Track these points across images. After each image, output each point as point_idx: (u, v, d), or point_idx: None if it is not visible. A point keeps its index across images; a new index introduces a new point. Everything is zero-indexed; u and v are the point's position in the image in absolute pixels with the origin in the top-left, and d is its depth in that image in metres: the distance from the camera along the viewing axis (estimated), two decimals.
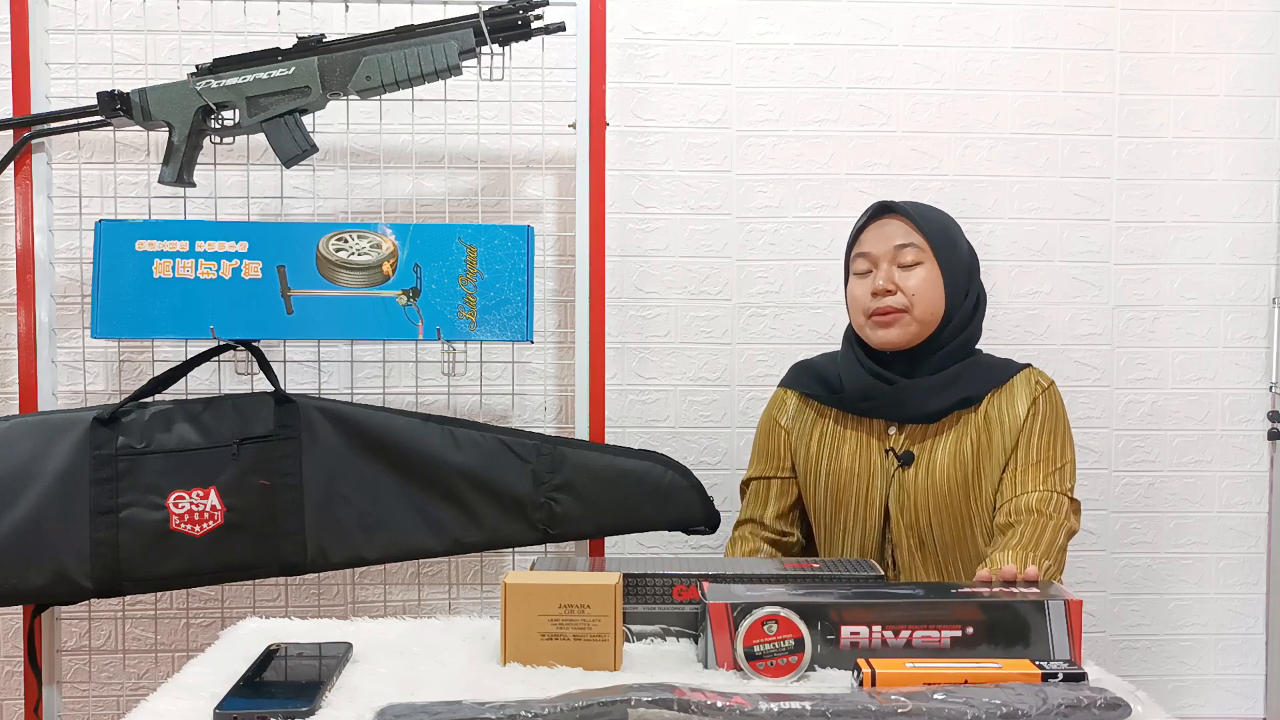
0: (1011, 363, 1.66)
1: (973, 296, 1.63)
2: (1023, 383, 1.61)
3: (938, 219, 1.63)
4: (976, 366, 1.62)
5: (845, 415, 1.65)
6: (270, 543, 1.66)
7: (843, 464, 1.63)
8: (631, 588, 1.22)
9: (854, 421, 1.64)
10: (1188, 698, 2.21)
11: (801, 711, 0.95)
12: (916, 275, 1.57)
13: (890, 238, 1.59)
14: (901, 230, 1.59)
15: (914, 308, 1.57)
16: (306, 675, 1.10)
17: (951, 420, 1.59)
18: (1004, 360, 1.67)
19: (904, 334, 1.58)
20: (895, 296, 1.57)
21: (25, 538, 1.61)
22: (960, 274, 1.61)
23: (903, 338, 1.58)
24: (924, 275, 1.57)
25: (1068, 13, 2.13)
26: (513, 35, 1.74)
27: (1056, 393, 1.62)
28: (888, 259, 1.58)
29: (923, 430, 1.59)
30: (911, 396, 1.58)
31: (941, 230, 1.61)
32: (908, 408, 1.59)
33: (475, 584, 2.08)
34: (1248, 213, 2.18)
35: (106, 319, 1.69)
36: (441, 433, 1.71)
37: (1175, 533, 2.20)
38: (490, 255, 1.73)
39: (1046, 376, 1.63)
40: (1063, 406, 1.62)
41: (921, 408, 1.58)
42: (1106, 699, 0.99)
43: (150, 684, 1.87)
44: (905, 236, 1.59)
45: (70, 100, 1.78)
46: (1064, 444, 1.59)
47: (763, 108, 2.11)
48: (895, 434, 1.61)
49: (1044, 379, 1.62)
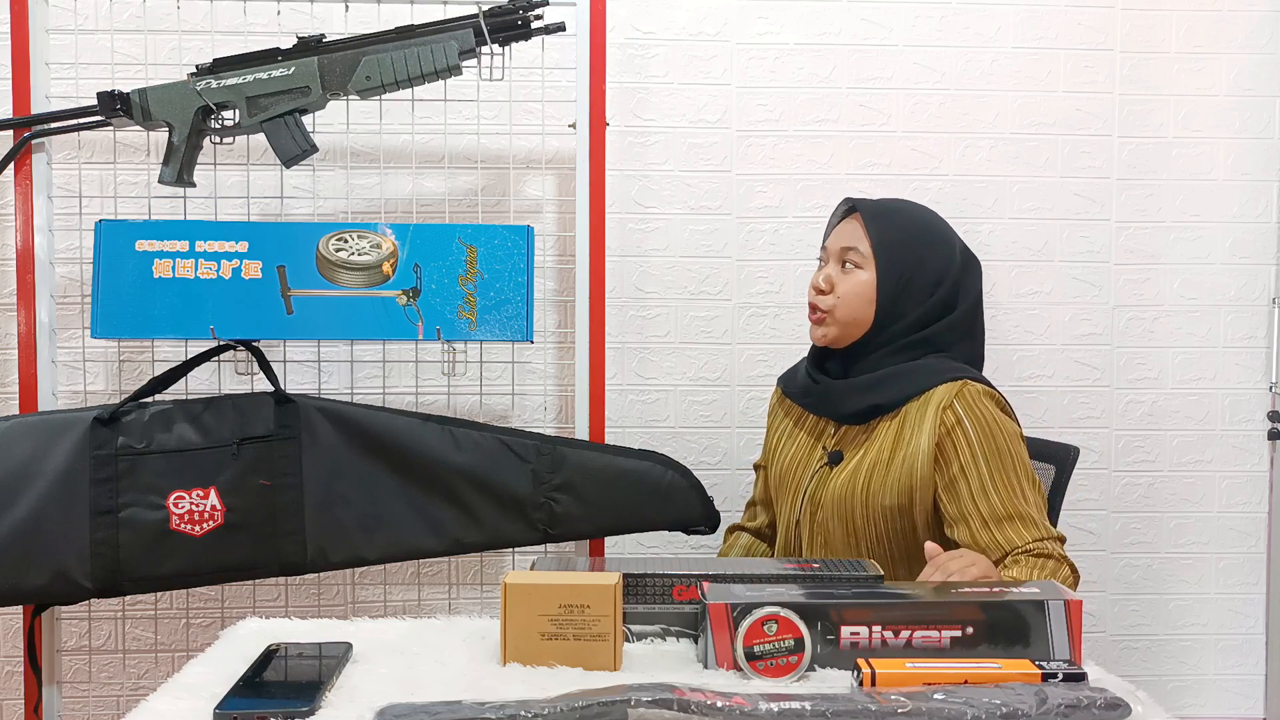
0: (945, 373, 1.52)
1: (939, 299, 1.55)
2: (935, 402, 1.49)
3: (897, 224, 1.57)
4: (905, 372, 1.53)
5: (805, 413, 1.66)
6: (270, 543, 1.66)
7: (786, 457, 1.65)
8: (631, 588, 1.22)
9: (811, 422, 1.65)
10: (1188, 698, 2.21)
11: (801, 711, 0.95)
12: (850, 280, 1.56)
13: (843, 237, 1.59)
14: (855, 234, 1.57)
15: (835, 310, 1.56)
16: (306, 675, 1.10)
17: (874, 427, 1.55)
18: (943, 368, 1.53)
19: (825, 334, 1.58)
20: (825, 297, 1.57)
21: (25, 538, 1.61)
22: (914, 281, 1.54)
23: (825, 337, 1.59)
24: (856, 281, 1.55)
25: (1068, 13, 2.13)
26: (513, 35, 1.74)
27: (974, 410, 1.47)
28: (835, 258, 1.59)
29: (856, 433, 1.58)
30: (831, 395, 1.59)
31: (894, 238, 1.55)
32: (831, 406, 1.60)
33: (475, 584, 2.08)
34: (1248, 213, 2.18)
35: (106, 319, 1.69)
36: (441, 433, 1.71)
37: (1175, 533, 2.20)
38: (490, 255, 1.73)
39: (966, 391, 1.48)
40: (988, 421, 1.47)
41: (840, 408, 1.58)
42: (1106, 699, 0.99)
43: (150, 684, 1.87)
44: (854, 240, 1.57)
45: (70, 100, 1.78)
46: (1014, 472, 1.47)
47: (763, 108, 2.11)
48: (833, 434, 1.61)
49: (959, 396, 1.48)
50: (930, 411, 1.49)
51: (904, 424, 1.52)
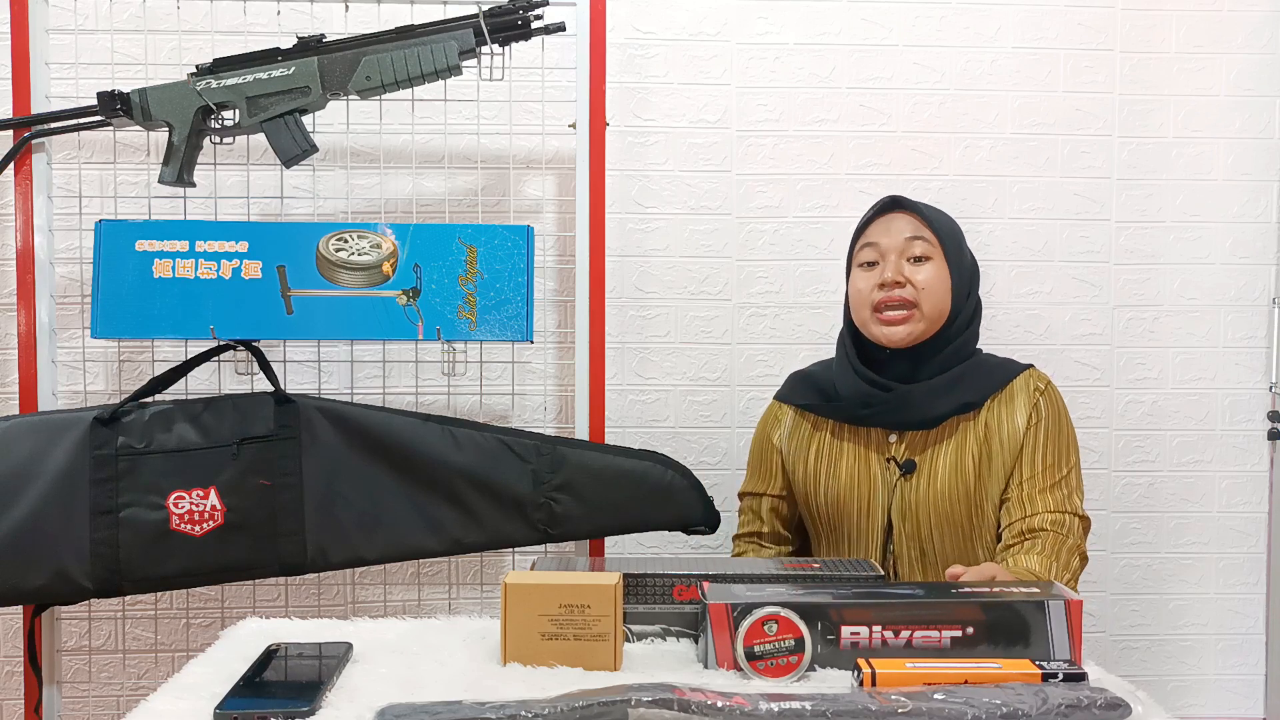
0: (1012, 363, 1.62)
1: (972, 302, 1.61)
2: (1022, 388, 1.57)
3: (947, 220, 1.61)
4: (978, 368, 1.59)
5: (842, 426, 1.61)
6: (270, 543, 1.66)
7: (841, 477, 1.59)
8: (631, 588, 1.22)
9: (851, 433, 1.60)
10: (1188, 698, 2.21)
11: (801, 711, 0.95)
12: (926, 270, 1.53)
13: (901, 231, 1.55)
14: (912, 225, 1.56)
15: (923, 302, 1.52)
16: (306, 675, 1.10)
17: (951, 428, 1.55)
18: (1004, 361, 1.63)
19: (912, 331, 1.53)
20: (905, 289, 1.52)
21: (25, 538, 1.61)
22: (964, 276, 1.59)
23: (910, 335, 1.53)
24: (933, 271, 1.54)
25: (1068, 13, 2.13)
26: (513, 35, 1.74)
27: (1055, 395, 1.59)
28: (896, 251, 1.54)
29: (923, 438, 1.55)
30: (912, 401, 1.54)
31: (950, 231, 1.60)
32: (908, 413, 1.54)
33: (475, 584, 2.08)
34: (1248, 213, 2.18)
35: (106, 319, 1.69)
36: (441, 433, 1.71)
37: (1175, 533, 2.20)
38: (490, 255, 1.73)
39: (1044, 377, 1.60)
40: (1063, 408, 1.59)
41: (922, 413, 1.54)
42: (1106, 699, 0.99)
43: (150, 684, 1.87)
44: (915, 230, 1.55)
45: (70, 100, 1.78)
46: (1067, 449, 1.56)
47: (763, 108, 2.11)
48: (895, 442, 1.57)
49: (1041, 381, 1.59)
50: (1021, 397, 1.56)
51: (989, 417, 1.55)
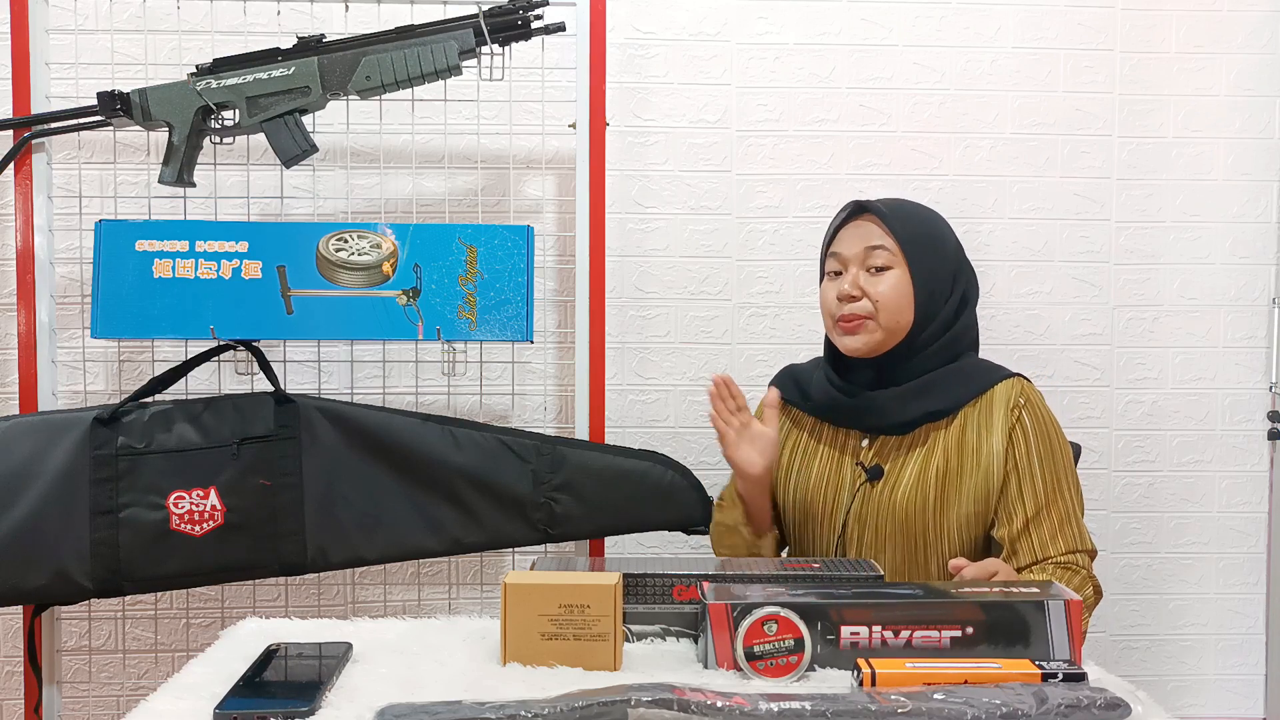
0: (997, 371, 1.54)
1: (956, 296, 1.54)
2: (1001, 401, 1.50)
3: (914, 219, 1.54)
4: (955, 374, 1.52)
5: (821, 426, 1.59)
6: (270, 543, 1.66)
7: (811, 476, 1.57)
8: (631, 588, 1.22)
9: (830, 434, 1.58)
10: (1188, 698, 2.21)
11: (801, 711, 0.95)
12: (885, 281, 1.50)
13: (863, 239, 1.52)
14: (875, 232, 1.51)
15: (879, 314, 1.49)
16: (306, 675, 1.10)
17: (922, 436, 1.51)
18: (990, 367, 1.55)
19: (869, 341, 1.50)
20: (860, 303, 1.50)
21: (25, 538, 1.61)
22: (939, 277, 1.52)
23: (868, 345, 1.51)
24: (892, 281, 1.49)
25: (1068, 13, 2.13)
26: (513, 35, 1.74)
27: (1038, 409, 1.50)
28: (857, 262, 1.51)
29: (895, 444, 1.52)
30: (875, 406, 1.52)
31: (916, 233, 1.52)
32: (875, 418, 1.52)
33: (475, 584, 2.08)
34: (1248, 213, 2.18)
35: (106, 319, 1.69)
36: (441, 433, 1.71)
37: (1175, 533, 2.20)
38: (490, 255, 1.73)
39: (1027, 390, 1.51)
40: (1050, 422, 1.51)
41: (886, 418, 1.51)
42: (1106, 699, 0.98)
43: (150, 684, 1.87)
44: (877, 238, 1.51)
45: (70, 100, 1.78)
46: (1063, 470, 1.49)
47: (763, 108, 2.11)
48: (867, 447, 1.54)
49: (1023, 395, 1.50)
50: (999, 412, 1.49)
51: (965, 428, 1.50)
